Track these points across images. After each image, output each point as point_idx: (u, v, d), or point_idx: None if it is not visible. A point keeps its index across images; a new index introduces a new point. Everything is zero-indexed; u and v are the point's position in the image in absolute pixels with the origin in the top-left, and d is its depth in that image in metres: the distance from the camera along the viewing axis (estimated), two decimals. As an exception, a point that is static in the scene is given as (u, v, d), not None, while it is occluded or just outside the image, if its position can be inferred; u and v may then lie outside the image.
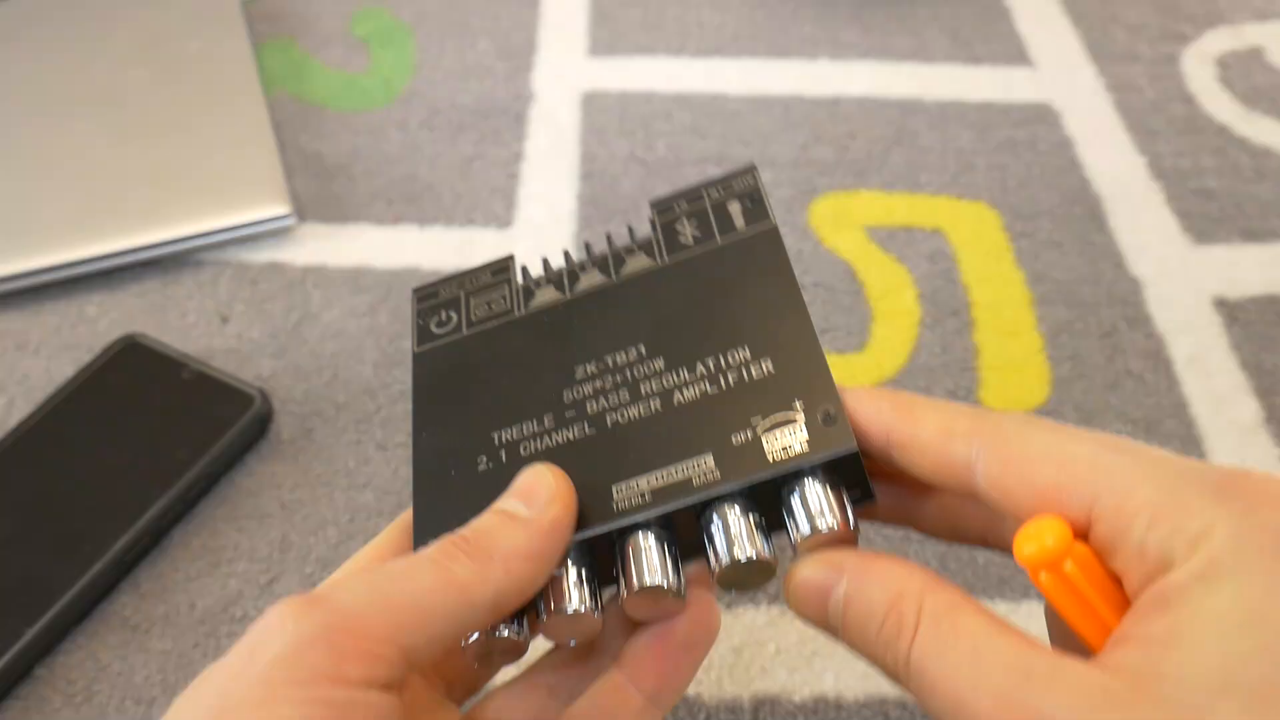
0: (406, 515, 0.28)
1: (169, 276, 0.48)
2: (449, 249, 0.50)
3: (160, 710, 0.36)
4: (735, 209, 0.31)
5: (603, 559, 0.26)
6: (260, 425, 0.42)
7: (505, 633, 0.25)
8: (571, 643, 0.26)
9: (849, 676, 0.37)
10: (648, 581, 0.25)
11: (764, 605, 0.38)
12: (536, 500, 0.25)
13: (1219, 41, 0.61)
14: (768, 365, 0.27)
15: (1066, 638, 0.22)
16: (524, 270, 0.32)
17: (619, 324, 0.30)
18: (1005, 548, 0.25)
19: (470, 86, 0.57)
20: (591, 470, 0.27)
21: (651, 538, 0.26)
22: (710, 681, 0.37)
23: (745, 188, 0.32)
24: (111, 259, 0.48)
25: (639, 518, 0.26)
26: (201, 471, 0.40)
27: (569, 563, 0.26)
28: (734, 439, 0.26)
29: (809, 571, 0.24)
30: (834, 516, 0.24)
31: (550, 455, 0.27)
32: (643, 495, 0.26)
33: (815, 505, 0.25)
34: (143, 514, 0.39)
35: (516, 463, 0.28)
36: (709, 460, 0.26)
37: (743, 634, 0.38)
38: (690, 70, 0.58)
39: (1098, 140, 0.55)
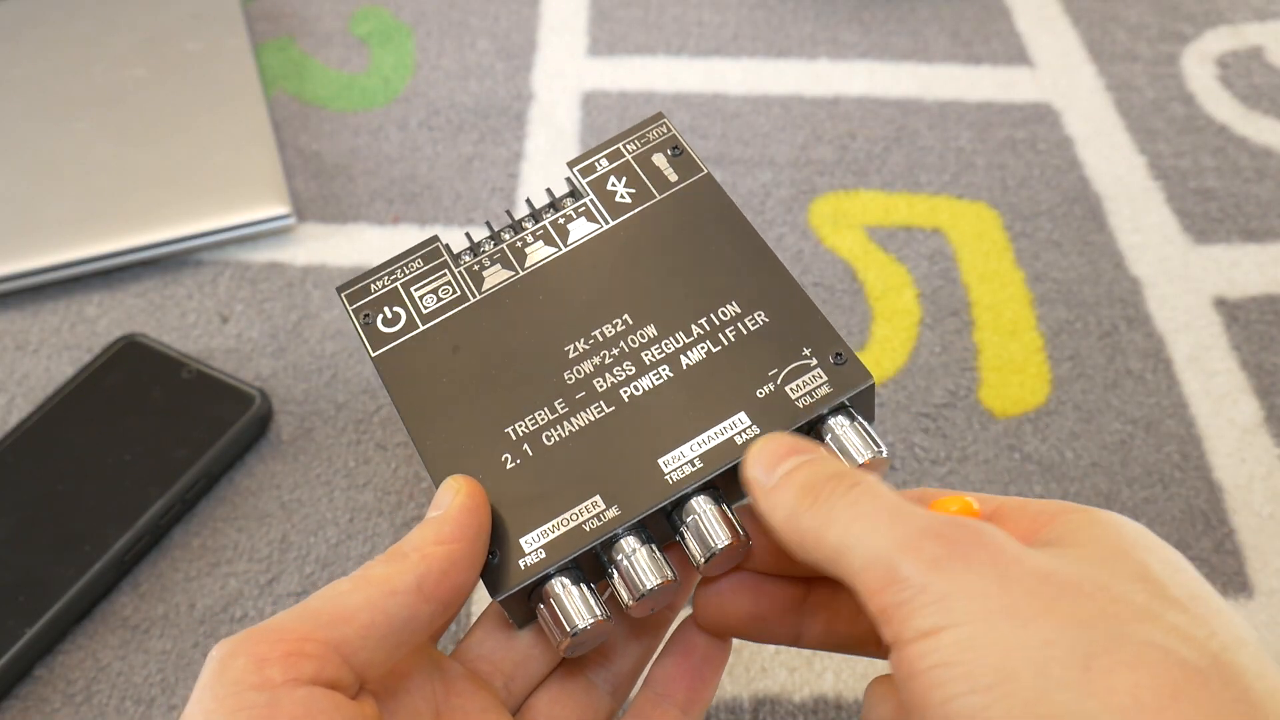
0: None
1: (169, 276, 0.48)
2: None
3: (160, 710, 0.36)
4: (661, 161, 0.32)
5: (658, 532, 0.27)
6: (260, 425, 0.42)
7: (582, 625, 0.26)
8: (652, 610, 0.27)
9: (849, 676, 0.37)
10: (737, 538, 0.26)
11: (764, 605, 0.38)
12: (443, 500, 0.27)
13: (1219, 41, 0.61)
14: (761, 317, 0.29)
15: None
16: (448, 248, 0.32)
17: (590, 295, 0.30)
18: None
19: (470, 86, 0.57)
20: (629, 448, 0.27)
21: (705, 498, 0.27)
22: (710, 681, 0.37)
23: (662, 137, 0.32)
24: (111, 259, 0.48)
25: (694, 485, 0.27)
26: (201, 471, 0.40)
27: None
28: (759, 393, 0.27)
29: (788, 436, 0.26)
30: (872, 446, 0.26)
31: (577, 440, 0.28)
32: (692, 463, 0.27)
33: (850, 439, 0.27)
34: (143, 514, 0.39)
35: (545, 454, 0.28)
36: (744, 418, 0.27)
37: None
38: (690, 70, 0.58)
39: (1098, 140, 0.55)
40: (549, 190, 0.32)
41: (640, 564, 0.26)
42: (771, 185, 0.52)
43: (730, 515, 0.27)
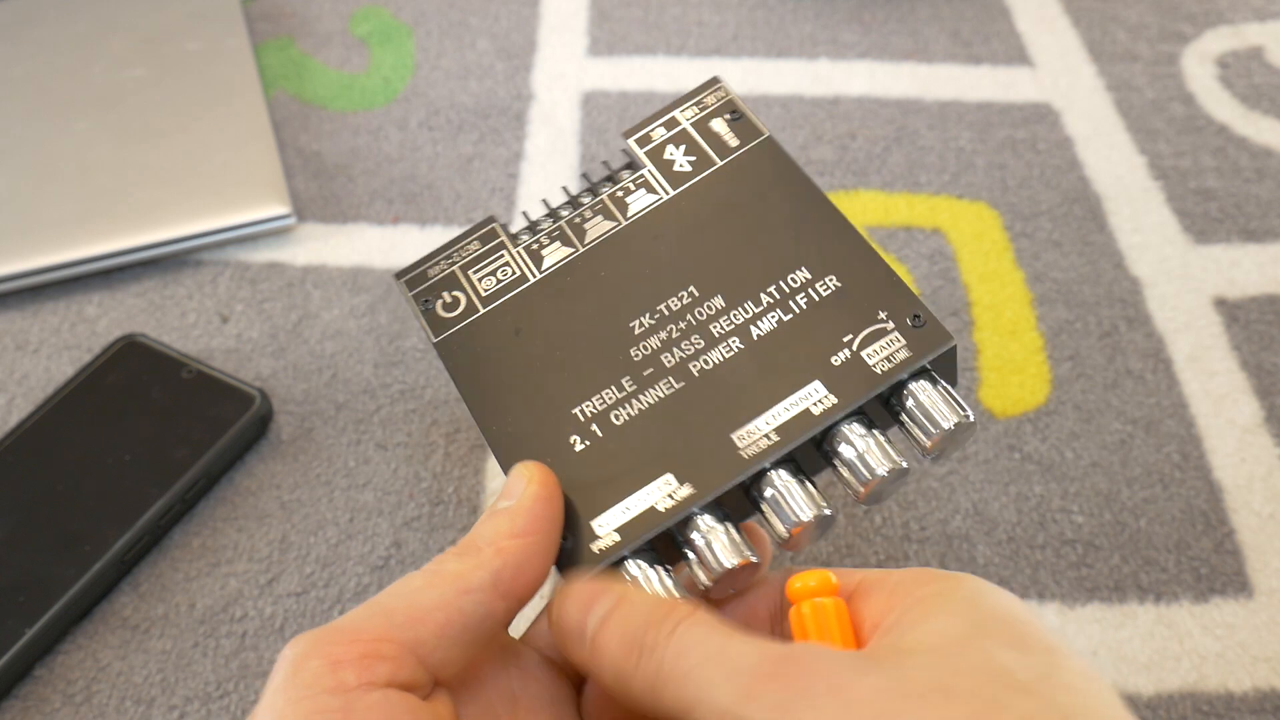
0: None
1: (169, 276, 0.48)
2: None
3: (160, 710, 0.36)
4: (720, 126, 0.31)
5: (735, 509, 0.27)
6: (260, 425, 0.42)
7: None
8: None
9: (849, 676, 0.37)
10: (821, 511, 0.25)
11: (764, 605, 0.38)
12: (515, 489, 0.26)
13: (1219, 41, 0.61)
14: (833, 281, 0.27)
15: None
16: (505, 228, 0.31)
17: (654, 268, 0.29)
18: None
19: (470, 86, 0.57)
20: (700, 423, 0.26)
21: (785, 474, 0.26)
22: (710, 681, 0.37)
23: (720, 102, 0.31)
24: (111, 259, 0.48)
25: (770, 460, 0.26)
26: (201, 471, 0.40)
27: (714, 520, 0.26)
28: (834, 360, 0.26)
29: (581, 584, 0.25)
30: (958, 410, 0.25)
31: (647, 418, 0.27)
32: (768, 436, 0.26)
33: (934, 404, 0.26)
34: (143, 514, 0.39)
35: (614, 434, 0.27)
36: (819, 386, 0.26)
37: None
38: (690, 70, 0.58)
39: (1098, 140, 0.55)
40: (606, 163, 0.31)
41: (717, 544, 0.25)
42: (771, 185, 0.52)
43: (813, 489, 0.26)
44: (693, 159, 0.30)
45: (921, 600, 0.23)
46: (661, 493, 0.26)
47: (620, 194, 0.30)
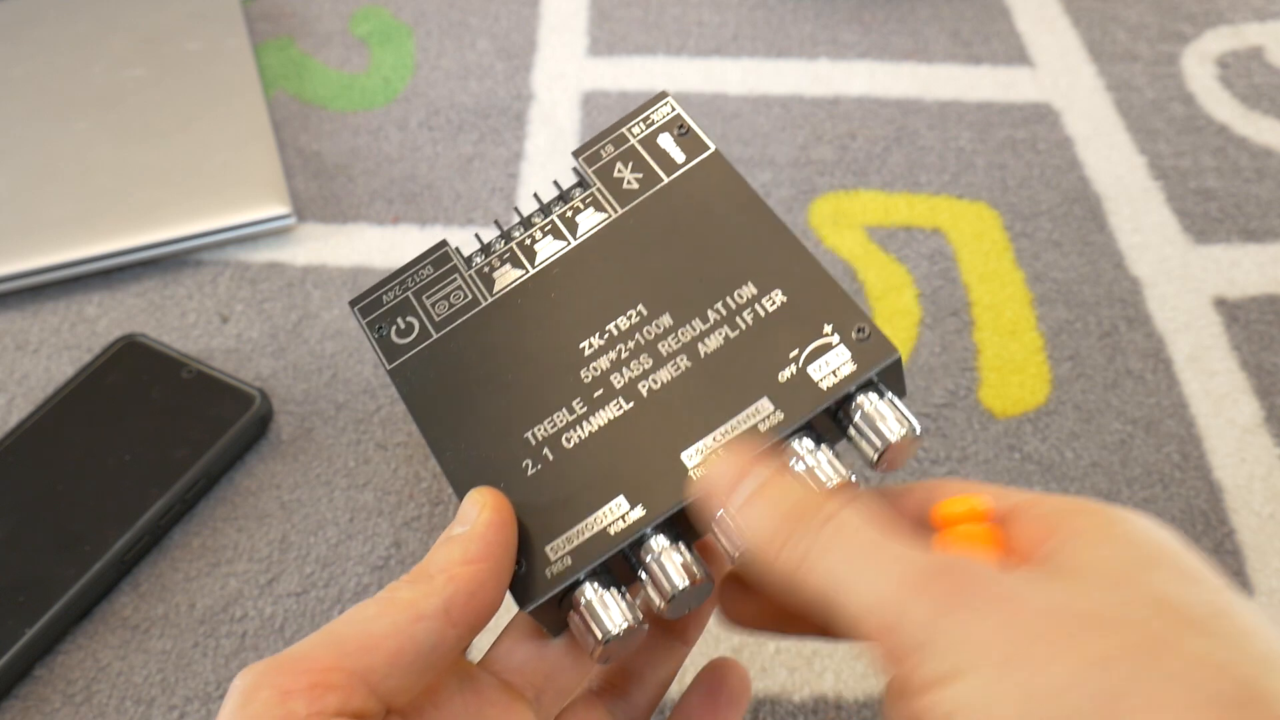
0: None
1: (169, 276, 0.48)
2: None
3: (160, 710, 0.36)
4: (668, 142, 0.31)
5: (687, 531, 0.26)
6: (260, 425, 0.42)
7: (615, 632, 0.25)
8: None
9: (849, 676, 0.37)
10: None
11: (764, 605, 0.38)
12: (469, 515, 0.26)
13: (1219, 41, 0.61)
14: (779, 296, 0.28)
15: None
16: (458, 251, 0.31)
17: (603, 288, 0.29)
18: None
19: (470, 86, 0.57)
20: (651, 444, 0.27)
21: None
22: (710, 681, 0.37)
23: (667, 117, 0.31)
24: (111, 259, 0.48)
25: None
26: (201, 471, 0.40)
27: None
28: (780, 377, 0.26)
29: (736, 453, 0.25)
30: (905, 422, 0.25)
31: (597, 439, 0.27)
32: (716, 454, 0.26)
33: (880, 417, 0.26)
34: (143, 514, 0.39)
35: (565, 457, 0.27)
36: (766, 404, 0.26)
37: (743, 634, 0.38)
38: (690, 70, 0.58)
39: (1098, 140, 0.55)
40: (556, 182, 0.31)
41: (668, 565, 0.25)
42: (771, 185, 0.52)
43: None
44: (640, 176, 0.30)
45: (1082, 531, 0.22)
46: (613, 516, 0.26)
47: (570, 213, 0.30)
